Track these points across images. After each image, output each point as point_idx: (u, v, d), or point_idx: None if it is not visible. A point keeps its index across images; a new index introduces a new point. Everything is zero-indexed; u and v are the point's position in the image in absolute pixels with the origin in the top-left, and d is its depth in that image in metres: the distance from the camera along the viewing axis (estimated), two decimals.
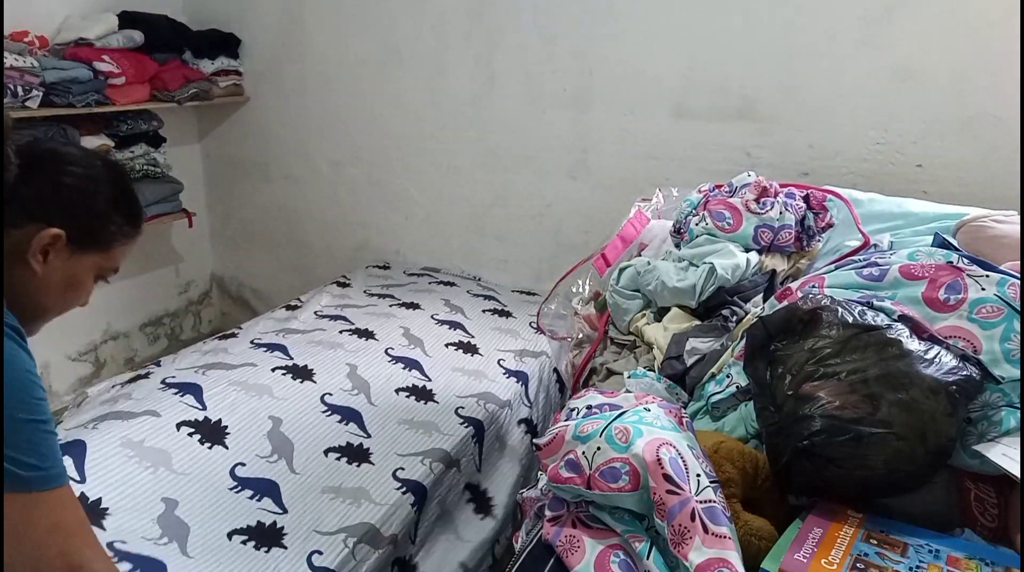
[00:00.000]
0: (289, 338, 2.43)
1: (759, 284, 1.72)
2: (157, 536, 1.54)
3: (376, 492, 1.77)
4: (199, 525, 1.58)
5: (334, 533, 1.62)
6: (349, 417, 2.03)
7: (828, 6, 2.40)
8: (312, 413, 2.02)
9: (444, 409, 2.14)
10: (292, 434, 1.92)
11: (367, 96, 3.34)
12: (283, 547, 1.57)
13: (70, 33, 2.88)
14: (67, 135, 2.75)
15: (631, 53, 2.75)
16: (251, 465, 1.78)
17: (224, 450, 1.81)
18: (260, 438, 1.88)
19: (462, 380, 2.32)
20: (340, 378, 2.19)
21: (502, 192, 3.18)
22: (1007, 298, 1.11)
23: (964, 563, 0.92)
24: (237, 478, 1.75)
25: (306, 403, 2.05)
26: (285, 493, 1.73)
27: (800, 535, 0.97)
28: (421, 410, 2.13)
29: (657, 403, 1.23)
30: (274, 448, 1.86)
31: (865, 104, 2.42)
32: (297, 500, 1.71)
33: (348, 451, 1.90)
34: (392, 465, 1.86)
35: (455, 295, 2.96)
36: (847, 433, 1.01)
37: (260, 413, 1.95)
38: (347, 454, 1.89)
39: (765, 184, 1.85)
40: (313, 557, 1.55)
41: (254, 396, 2.02)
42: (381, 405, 2.11)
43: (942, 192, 2.22)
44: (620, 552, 1.04)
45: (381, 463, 1.87)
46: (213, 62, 3.41)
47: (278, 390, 2.08)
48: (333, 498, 1.73)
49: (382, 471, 1.84)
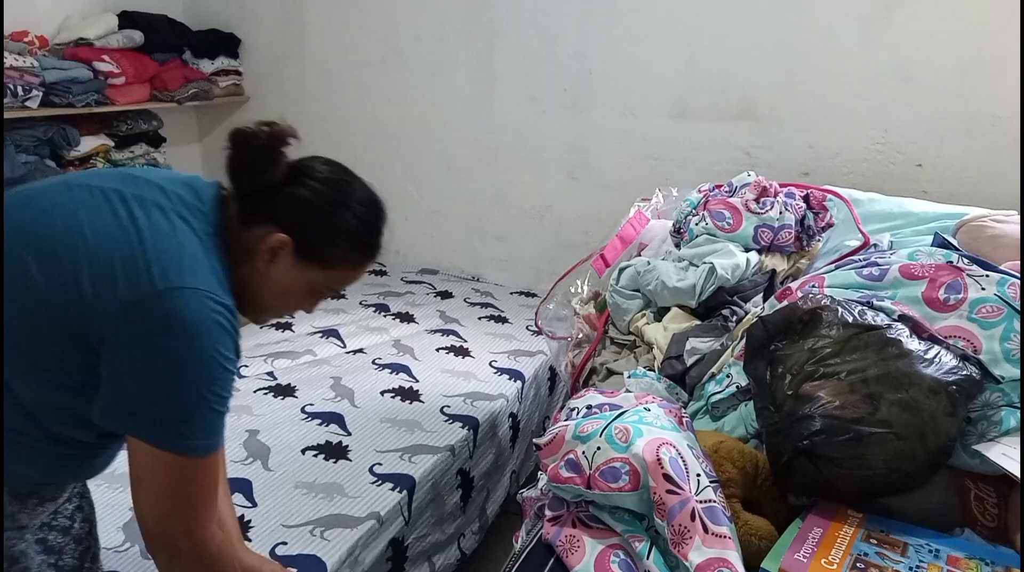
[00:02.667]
0: (278, 364, 2.38)
1: (759, 284, 1.72)
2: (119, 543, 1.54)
3: (351, 487, 1.77)
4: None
5: (301, 526, 1.62)
6: (330, 420, 2.04)
7: (828, 6, 2.40)
8: (291, 422, 2.02)
9: (429, 409, 2.15)
10: (269, 441, 1.92)
11: (367, 96, 3.34)
12: (248, 540, 1.57)
13: (70, 33, 2.89)
14: (67, 135, 2.75)
15: (631, 53, 2.75)
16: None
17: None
18: (236, 448, 1.88)
19: (450, 380, 2.32)
20: (323, 390, 2.20)
21: (502, 192, 3.18)
22: (1007, 298, 1.11)
23: (964, 563, 0.92)
24: None
25: (286, 414, 2.06)
26: (257, 489, 1.73)
27: (800, 535, 0.97)
28: (406, 410, 2.13)
29: (657, 403, 1.24)
30: (249, 453, 1.87)
31: (865, 104, 2.42)
32: (267, 495, 1.71)
33: (326, 448, 1.91)
34: (370, 460, 1.87)
35: (451, 307, 2.93)
36: (847, 433, 1.01)
37: (237, 428, 1.94)
38: (324, 451, 1.90)
39: (765, 184, 1.85)
40: (277, 548, 1.56)
41: (232, 416, 2.01)
42: (365, 407, 2.12)
43: (942, 192, 2.22)
44: (620, 552, 1.04)
45: (358, 460, 1.87)
46: (213, 62, 3.41)
47: (257, 408, 2.07)
48: (305, 493, 1.73)
49: (358, 467, 1.85)
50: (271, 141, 1.01)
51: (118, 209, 0.95)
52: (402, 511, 1.76)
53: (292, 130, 1.03)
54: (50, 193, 0.99)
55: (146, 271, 0.90)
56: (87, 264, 0.90)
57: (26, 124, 2.65)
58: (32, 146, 2.66)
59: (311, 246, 1.05)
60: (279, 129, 1.02)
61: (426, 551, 1.87)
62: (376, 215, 1.10)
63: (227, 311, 0.95)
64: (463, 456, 2.03)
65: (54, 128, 2.72)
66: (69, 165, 2.84)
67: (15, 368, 0.92)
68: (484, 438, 2.14)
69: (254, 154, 1.01)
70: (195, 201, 1.01)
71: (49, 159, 2.74)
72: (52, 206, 0.96)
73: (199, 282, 0.93)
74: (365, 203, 1.09)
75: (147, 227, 0.94)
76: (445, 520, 1.95)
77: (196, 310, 0.91)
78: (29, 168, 2.62)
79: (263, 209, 1.03)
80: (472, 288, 3.18)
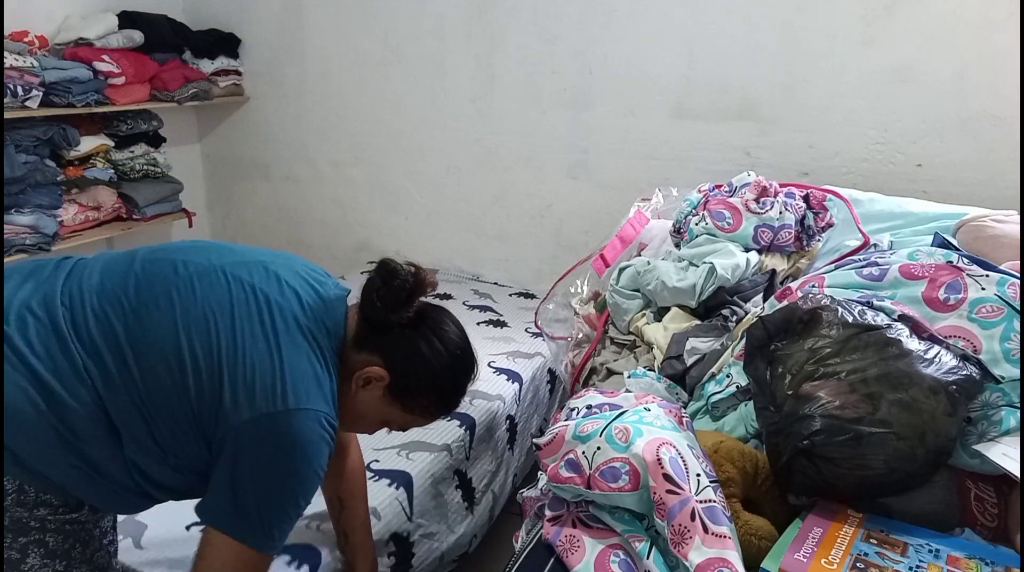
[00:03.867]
0: None
1: (759, 284, 1.72)
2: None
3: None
4: (157, 520, 1.56)
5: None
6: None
7: (828, 6, 2.40)
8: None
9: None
10: None
11: (367, 96, 3.34)
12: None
13: (70, 33, 2.88)
14: (67, 135, 2.75)
15: (631, 53, 2.75)
16: None
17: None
18: None
19: None
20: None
21: (502, 192, 3.18)
22: (1007, 298, 1.11)
23: (964, 563, 0.92)
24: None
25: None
26: None
27: (800, 535, 0.97)
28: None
29: (657, 403, 1.24)
30: None
31: (865, 104, 2.42)
32: None
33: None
34: (367, 457, 1.85)
35: (450, 309, 2.91)
36: (847, 433, 1.01)
37: None
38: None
39: (765, 184, 1.85)
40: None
41: None
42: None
43: (942, 192, 2.22)
44: (620, 552, 1.04)
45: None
46: (213, 62, 3.40)
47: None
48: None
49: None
50: (415, 286, 1.08)
51: (264, 319, 1.04)
52: (402, 507, 1.75)
53: (434, 280, 1.12)
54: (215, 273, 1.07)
55: (281, 391, 1.00)
56: (230, 377, 0.99)
57: (26, 124, 2.64)
58: (32, 146, 2.65)
59: (404, 390, 1.13)
60: (424, 277, 1.10)
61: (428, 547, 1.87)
62: (468, 379, 1.19)
63: (334, 431, 1.05)
64: (459, 456, 2.02)
65: (54, 128, 2.71)
66: (69, 165, 2.84)
67: (134, 428, 1.00)
68: (480, 440, 2.13)
69: (395, 292, 1.08)
70: (324, 315, 1.09)
71: (49, 159, 2.74)
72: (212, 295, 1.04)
73: (320, 405, 1.03)
74: (467, 370, 1.18)
75: (287, 344, 1.03)
76: (446, 518, 1.94)
77: (313, 431, 1.01)
78: (29, 168, 2.62)
79: (378, 338, 1.11)
80: (471, 289, 3.17)
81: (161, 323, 1.00)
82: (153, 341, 0.99)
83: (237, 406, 0.98)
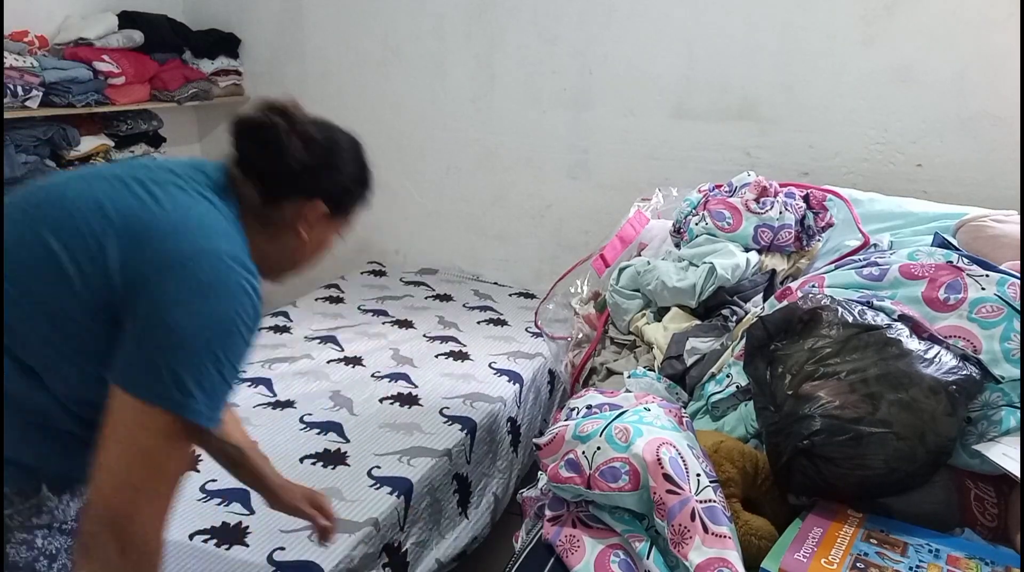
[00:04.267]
0: (276, 369, 2.37)
1: (759, 284, 1.72)
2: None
3: (348, 491, 1.76)
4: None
5: (299, 530, 1.61)
6: (328, 428, 2.03)
7: (828, 6, 2.41)
8: (290, 432, 2.01)
9: (428, 410, 2.14)
10: (267, 451, 1.91)
11: (367, 96, 3.34)
12: (245, 545, 1.57)
13: (70, 33, 2.88)
14: (67, 135, 2.75)
15: (631, 53, 2.75)
16: (221, 480, 1.75)
17: (194, 473, 1.79)
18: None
19: (450, 383, 2.31)
20: (322, 400, 2.18)
21: (502, 192, 3.18)
22: (1007, 298, 1.11)
23: (964, 563, 0.92)
24: (207, 491, 1.74)
25: (284, 424, 2.05)
26: (254, 495, 1.70)
27: (800, 535, 0.97)
28: (405, 414, 2.12)
29: (657, 403, 1.23)
30: None
31: (865, 104, 2.42)
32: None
33: (324, 456, 1.90)
34: (369, 464, 1.86)
35: (450, 311, 2.92)
36: (847, 433, 1.01)
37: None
38: (323, 459, 1.89)
39: (765, 184, 1.85)
40: (275, 553, 1.56)
41: None
42: (363, 414, 2.11)
43: (942, 192, 2.22)
44: (620, 552, 1.04)
45: (356, 464, 1.87)
46: (213, 62, 3.40)
47: (256, 420, 2.06)
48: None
49: (357, 472, 1.84)
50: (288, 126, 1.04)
51: (136, 190, 0.95)
52: (398, 517, 1.75)
53: (294, 102, 1.08)
54: (64, 180, 0.99)
55: (173, 238, 0.91)
56: (114, 236, 0.90)
57: (26, 124, 2.64)
58: (32, 146, 2.65)
59: (339, 204, 1.14)
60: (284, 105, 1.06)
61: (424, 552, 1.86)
62: (361, 148, 1.19)
63: (252, 277, 0.96)
64: (459, 460, 2.02)
65: (54, 128, 2.71)
66: (69, 165, 2.84)
67: (46, 355, 0.91)
68: (481, 442, 2.13)
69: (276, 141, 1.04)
70: (209, 182, 1.04)
71: (49, 159, 2.74)
72: (68, 190, 0.96)
73: (226, 247, 0.94)
74: (353, 145, 1.18)
75: (168, 201, 0.95)
76: (438, 525, 1.94)
77: (223, 272, 0.92)
78: (29, 168, 2.62)
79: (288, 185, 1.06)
80: (472, 290, 3.17)
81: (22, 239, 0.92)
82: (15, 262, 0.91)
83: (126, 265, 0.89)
